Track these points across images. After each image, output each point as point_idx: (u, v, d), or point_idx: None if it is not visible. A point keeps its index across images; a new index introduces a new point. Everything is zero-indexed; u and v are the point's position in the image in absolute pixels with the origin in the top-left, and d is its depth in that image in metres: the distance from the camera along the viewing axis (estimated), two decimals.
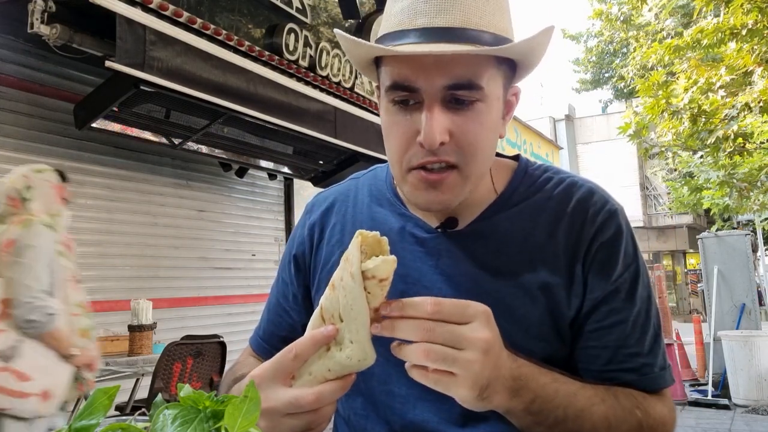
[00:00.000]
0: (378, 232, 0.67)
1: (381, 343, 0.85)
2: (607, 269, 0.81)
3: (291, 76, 4.88)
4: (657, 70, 6.84)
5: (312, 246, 0.98)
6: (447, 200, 0.80)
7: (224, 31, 4.26)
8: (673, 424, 0.81)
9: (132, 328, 3.97)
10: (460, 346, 0.63)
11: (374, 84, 0.92)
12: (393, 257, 0.65)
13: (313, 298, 0.96)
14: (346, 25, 5.75)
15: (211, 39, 4.13)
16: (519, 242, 0.84)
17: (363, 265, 0.64)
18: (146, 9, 3.64)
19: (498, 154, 0.93)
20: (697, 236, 8.04)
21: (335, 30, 0.85)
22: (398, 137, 0.79)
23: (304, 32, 5.02)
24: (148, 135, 4.95)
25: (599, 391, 0.77)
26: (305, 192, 7.00)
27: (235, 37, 4.36)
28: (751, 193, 7.31)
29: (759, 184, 7.10)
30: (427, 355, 0.63)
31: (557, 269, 0.82)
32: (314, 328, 0.67)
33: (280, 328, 0.99)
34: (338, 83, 5.41)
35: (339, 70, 5.41)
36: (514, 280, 0.82)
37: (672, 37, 7.64)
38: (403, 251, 0.87)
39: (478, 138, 0.78)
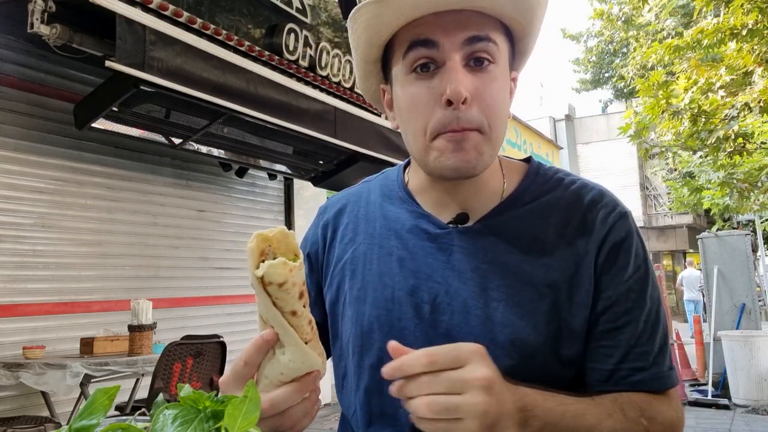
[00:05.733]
0: (283, 228, 0.66)
1: (393, 337, 0.83)
2: (619, 269, 0.83)
3: (291, 76, 4.88)
4: (657, 70, 6.84)
5: (325, 245, 0.99)
6: (473, 160, 0.80)
7: (224, 31, 4.26)
8: (681, 425, 0.83)
9: (132, 328, 3.97)
10: (461, 390, 0.64)
11: (380, 83, 0.92)
12: (281, 259, 0.62)
13: (324, 296, 0.97)
14: (346, 25, 5.74)
15: (211, 39, 4.13)
16: (529, 239, 0.85)
17: (256, 271, 0.62)
18: (146, 9, 3.64)
19: (508, 157, 0.95)
20: (697, 236, 8.04)
21: (354, 10, 0.83)
22: (420, 106, 0.80)
23: (304, 32, 5.02)
24: (148, 135, 4.96)
25: (606, 406, 0.78)
26: (305, 192, 7.00)
27: (235, 37, 4.36)
28: (751, 193, 7.31)
29: (759, 184, 7.10)
30: (431, 408, 0.63)
31: (566, 267, 0.83)
32: (261, 331, 0.67)
33: None
34: (338, 83, 5.41)
35: (339, 70, 5.41)
36: (524, 277, 0.83)
37: (672, 37, 7.64)
38: (415, 247, 0.88)
39: (496, 99, 0.80)
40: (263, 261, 0.62)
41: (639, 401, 0.80)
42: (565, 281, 0.82)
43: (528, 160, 0.95)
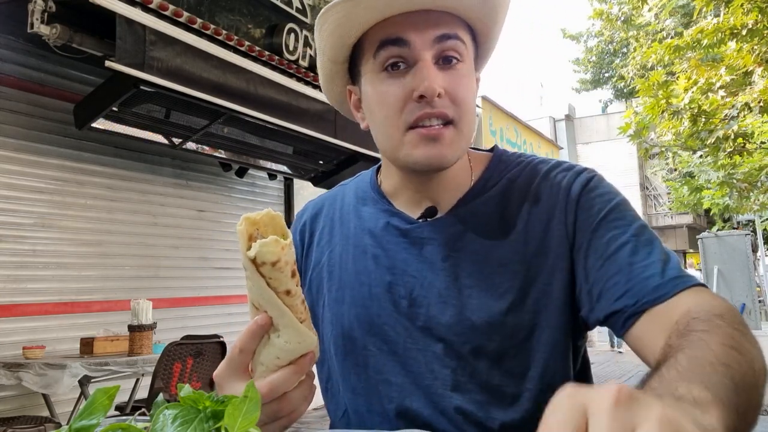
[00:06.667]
0: (270, 210, 0.66)
1: (374, 334, 0.87)
2: (588, 208, 0.82)
3: (291, 76, 4.88)
4: (657, 70, 6.84)
5: (303, 249, 1.01)
6: (446, 155, 0.81)
7: (224, 31, 4.26)
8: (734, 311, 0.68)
9: (132, 328, 3.97)
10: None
11: (347, 86, 0.93)
12: (272, 237, 0.61)
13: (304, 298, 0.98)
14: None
15: (211, 39, 4.13)
16: (495, 222, 0.86)
17: (248, 252, 0.61)
18: (146, 9, 3.64)
19: (475, 148, 0.96)
20: (697, 236, 8.04)
21: (323, 10, 0.83)
22: (393, 102, 0.81)
23: (304, 32, 5.02)
24: (148, 135, 4.95)
25: (686, 337, 0.61)
26: (305, 192, 6.99)
27: (235, 37, 4.35)
28: (751, 193, 7.31)
29: (759, 184, 7.10)
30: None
31: (533, 237, 0.83)
32: (253, 318, 0.67)
33: None
34: None
35: None
36: (493, 259, 0.84)
37: (672, 37, 7.64)
38: (389, 244, 0.90)
39: (467, 94, 0.82)
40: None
41: (695, 316, 0.64)
42: (534, 252, 0.83)
43: (493, 149, 0.97)
